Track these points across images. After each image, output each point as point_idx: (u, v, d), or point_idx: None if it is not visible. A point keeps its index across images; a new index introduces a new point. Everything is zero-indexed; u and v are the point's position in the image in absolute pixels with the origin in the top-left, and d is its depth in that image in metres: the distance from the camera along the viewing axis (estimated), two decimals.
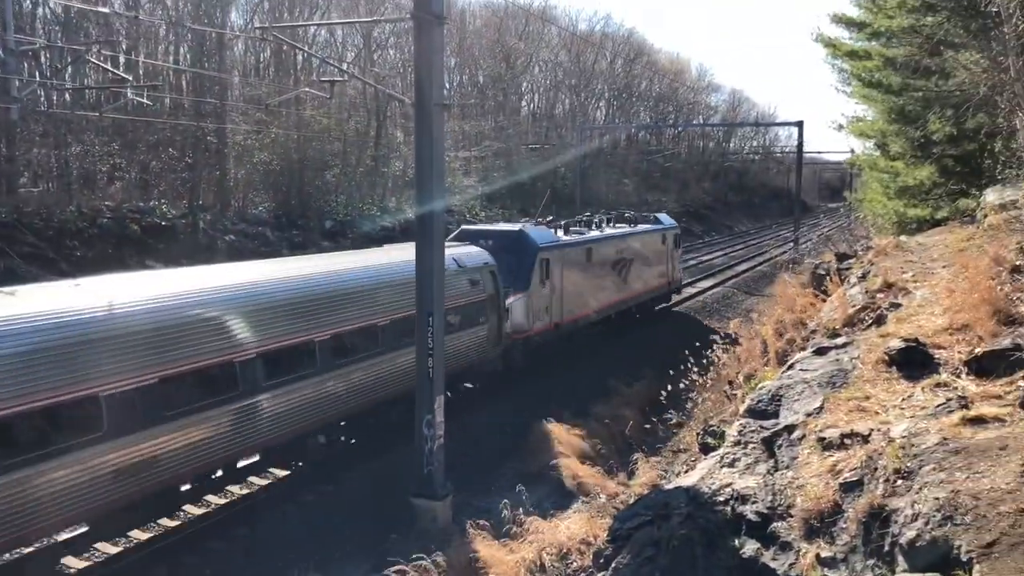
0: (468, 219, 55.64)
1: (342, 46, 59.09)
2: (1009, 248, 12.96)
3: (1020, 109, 11.22)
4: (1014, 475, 6.52)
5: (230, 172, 44.13)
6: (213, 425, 13.10)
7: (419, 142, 14.42)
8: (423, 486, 14.71)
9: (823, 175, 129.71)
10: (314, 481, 16.56)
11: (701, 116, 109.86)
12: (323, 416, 15.69)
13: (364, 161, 53.52)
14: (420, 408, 14.72)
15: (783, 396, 11.21)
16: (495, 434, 19.43)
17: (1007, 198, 15.58)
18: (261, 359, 13.94)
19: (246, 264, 18.01)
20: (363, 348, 16.57)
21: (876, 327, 13.01)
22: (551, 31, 79.02)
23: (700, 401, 18.95)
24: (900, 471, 7.43)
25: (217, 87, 43.10)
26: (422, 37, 14.00)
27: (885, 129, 26.88)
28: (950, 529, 6.26)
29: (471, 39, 71.73)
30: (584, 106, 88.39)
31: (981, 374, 9.44)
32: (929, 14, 21.17)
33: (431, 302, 14.47)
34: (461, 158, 58.92)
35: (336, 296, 16.03)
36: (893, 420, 8.75)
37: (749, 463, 9.96)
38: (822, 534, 7.95)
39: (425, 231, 14.48)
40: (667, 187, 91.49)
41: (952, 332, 10.96)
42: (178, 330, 12.60)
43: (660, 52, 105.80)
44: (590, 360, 26.02)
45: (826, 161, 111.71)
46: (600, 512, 14.03)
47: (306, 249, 37.13)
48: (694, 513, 9.28)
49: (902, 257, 17.90)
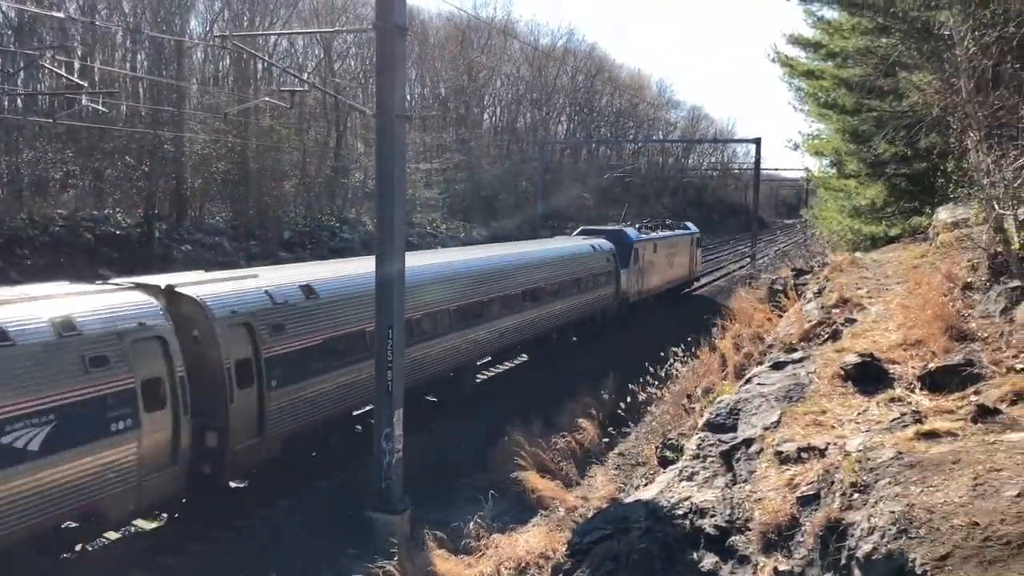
0: (429, 232, 55.58)
1: (303, 56, 58.85)
2: (961, 265, 13.24)
3: (971, 129, 11.47)
4: (966, 489, 6.62)
5: (187, 181, 43.58)
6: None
7: (380, 153, 14.34)
8: (381, 500, 14.55)
9: (780, 192, 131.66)
10: (272, 496, 16.32)
11: (661, 132, 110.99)
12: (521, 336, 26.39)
13: (324, 171, 53.20)
14: (379, 422, 14.58)
15: (741, 410, 11.30)
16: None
17: (959, 216, 15.94)
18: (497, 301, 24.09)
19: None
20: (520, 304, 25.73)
21: (832, 342, 13.19)
22: (513, 45, 79.39)
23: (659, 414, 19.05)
24: (856, 485, 7.51)
25: (175, 95, 42.61)
26: (384, 48, 13.94)
27: (840, 148, 27.34)
28: (905, 542, 6.33)
29: (433, 51, 71.78)
30: (546, 120, 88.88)
31: (934, 389, 9.61)
32: (883, 36, 21.63)
33: (391, 314, 14.35)
34: (423, 170, 58.82)
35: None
36: (849, 434, 8.86)
37: (708, 476, 10.02)
38: (780, 548, 8.00)
39: (385, 242, 14.38)
40: (627, 201, 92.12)
41: (906, 347, 11.14)
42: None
43: (621, 68, 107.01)
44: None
45: (783, 178, 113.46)
46: (560, 525, 13.99)
47: (264, 260, 36.70)
48: (653, 527, 9.30)
49: (857, 273, 18.20)
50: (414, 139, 58.02)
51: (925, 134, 18.72)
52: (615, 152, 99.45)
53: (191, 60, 49.11)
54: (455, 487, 17.28)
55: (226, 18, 49.77)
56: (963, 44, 11.72)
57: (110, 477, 11.97)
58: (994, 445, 7.42)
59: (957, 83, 11.92)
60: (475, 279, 23.27)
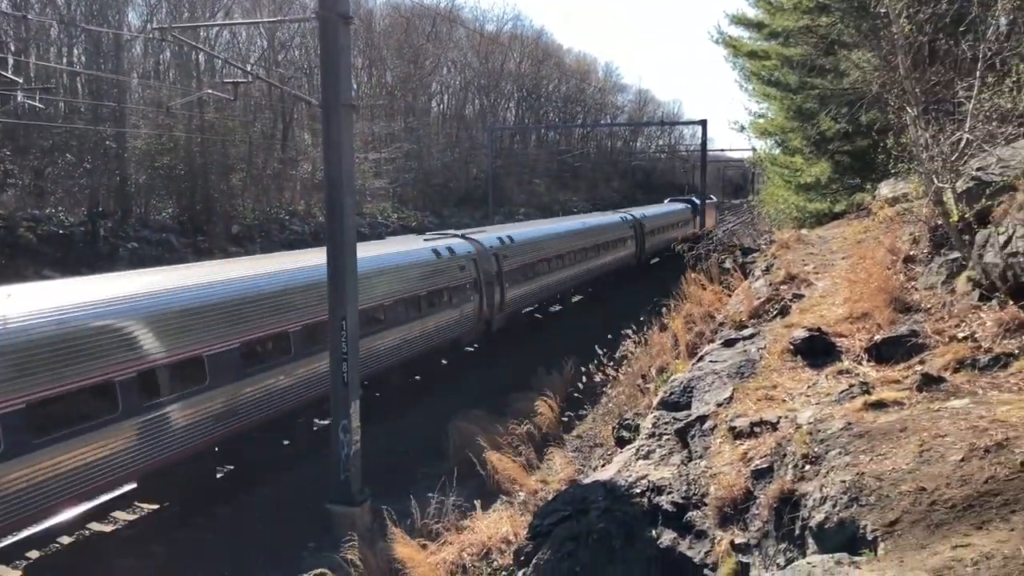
0: (380, 221, 55.20)
1: (246, 47, 57.90)
2: (903, 239, 13.53)
3: (909, 105, 11.69)
4: (913, 456, 6.79)
5: (131, 177, 42.69)
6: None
7: (327, 143, 14.20)
8: (340, 492, 14.49)
9: (726, 173, 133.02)
10: (229, 492, 16.18)
11: (609, 116, 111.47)
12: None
13: (271, 164, 52.51)
14: (336, 414, 14.50)
15: (694, 387, 11.45)
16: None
17: (899, 191, 16.27)
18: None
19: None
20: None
21: (781, 318, 13.41)
22: (459, 32, 78.99)
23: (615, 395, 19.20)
24: (808, 456, 7.66)
25: (115, 90, 41.66)
26: (328, 37, 13.79)
27: (784, 126, 27.74)
28: (856, 510, 6.48)
29: (379, 39, 71.12)
30: (494, 107, 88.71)
31: (881, 360, 9.83)
32: (823, 15, 21.95)
33: (344, 306, 14.26)
34: (371, 160, 58.34)
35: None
36: (800, 407, 9.02)
37: (664, 454, 10.14)
38: (736, 521, 8.14)
39: (335, 234, 14.27)
40: (577, 186, 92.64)
41: (852, 321, 11.36)
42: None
43: (568, 52, 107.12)
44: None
45: (729, 159, 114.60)
46: (521, 509, 14.06)
47: (212, 255, 36.18)
48: (612, 506, 9.39)
49: (803, 250, 18.51)
50: (362, 128, 57.50)
51: (866, 111, 19.09)
52: (564, 137, 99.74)
53: (130, 54, 48.05)
54: (414, 476, 17.27)
55: (165, 10, 48.78)
56: (899, 21, 11.92)
57: (630, 256, 43.76)
58: (939, 412, 7.61)
59: (894, 60, 12.13)
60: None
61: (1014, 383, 8.14)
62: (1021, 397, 7.66)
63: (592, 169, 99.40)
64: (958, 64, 12.97)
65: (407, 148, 63.59)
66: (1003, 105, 10.23)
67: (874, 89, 14.74)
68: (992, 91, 10.48)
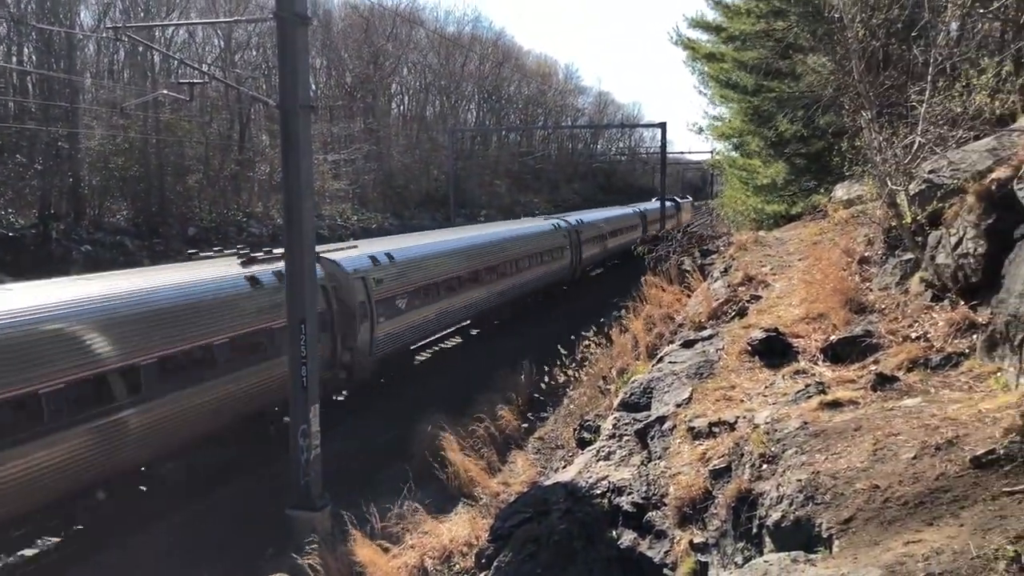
0: (340, 223, 54.82)
1: (202, 47, 57.15)
2: (858, 240, 13.75)
3: (863, 109, 11.89)
4: (867, 454, 6.90)
5: (84, 179, 41.92)
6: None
7: (285, 145, 14.07)
8: (300, 497, 14.36)
9: (686, 175, 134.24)
10: (186, 498, 15.94)
11: (569, 118, 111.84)
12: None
13: (228, 165, 51.90)
14: (295, 418, 14.37)
15: (654, 388, 11.53)
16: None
17: (853, 193, 16.52)
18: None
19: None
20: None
21: (739, 319, 13.55)
22: (420, 33, 78.75)
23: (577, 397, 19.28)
24: (765, 456, 7.74)
25: (68, 90, 40.86)
26: (285, 37, 13.67)
27: (742, 129, 28.04)
28: (811, 508, 6.56)
29: (337, 40, 70.64)
30: (455, 108, 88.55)
31: (836, 360, 9.97)
32: (779, 19, 22.26)
33: (303, 309, 14.14)
34: (330, 161, 57.90)
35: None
36: (757, 407, 9.12)
37: (624, 455, 10.20)
38: (695, 521, 8.20)
39: (294, 236, 14.14)
40: (539, 188, 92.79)
41: (809, 321, 11.52)
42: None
43: (528, 55, 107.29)
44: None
45: (688, 161, 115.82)
46: (483, 512, 14.04)
47: (168, 258, 35.65)
48: (573, 508, 9.43)
49: (761, 251, 18.72)
50: (320, 130, 57.07)
51: (821, 114, 19.36)
52: (525, 139, 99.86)
53: (84, 53, 47.19)
54: (376, 480, 17.17)
55: (119, 9, 47.98)
56: (853, 26, 12.13)
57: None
58: (892, 411, 7.74)
59: (849, 64, 12.33)
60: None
61: (964, 382, 8.31)
62: (971, 396, 7.82)
63: (553, 171, 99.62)
64: (910, 69, 13.23)
65: (367, 149, 63.23)
66: (953, 109, 10.44)
67: (829, 92, 14.99)
68: (943, 95, 10.69)
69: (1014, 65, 11.57)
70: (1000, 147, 10.21)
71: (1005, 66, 11.42)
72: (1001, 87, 11.06)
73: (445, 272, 27.14)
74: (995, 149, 10.26)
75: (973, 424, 6.87)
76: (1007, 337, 8.09)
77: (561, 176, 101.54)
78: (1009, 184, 9.11)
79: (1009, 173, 9.26)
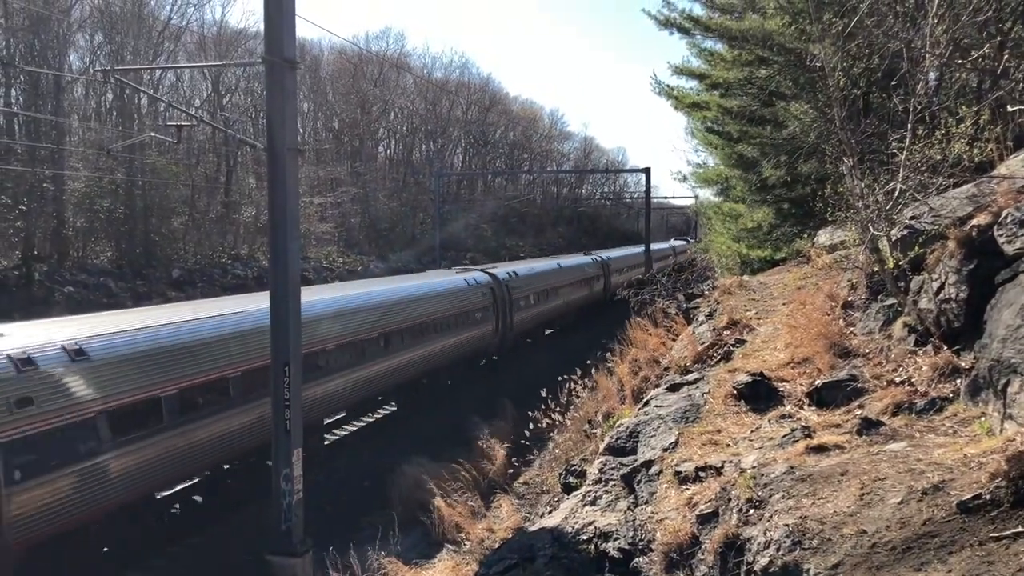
0: (325, 266, 54.80)
1: (190, 90, 57.49)
2: (841, 285, 13.84)
3: (845, 156, 12.07)
4: (854, 499, 6.88)
5: (69, 220, 41.81)
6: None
7: (272, 188, 14.08)
8: (281, 543, 14.12)
9: (670, 219, 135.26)
10: (166, 542, 15.67)
11: (555, 163, 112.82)
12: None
13: (214, 207, 51.93)
14: (277, 462, 14.18)
15: (640, 432, 11.48)
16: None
17: (836, 239, 16.67)
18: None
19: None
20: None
21: (724, 363, 13.56)
22: (407, 78, 79.56)
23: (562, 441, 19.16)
24: (752, 500, 7.71)
25: (54, 131, 40.93)
26: (274, 82, 13.76)
27: (727, 174, 28.33)
28: (799, 554, 6.52)
29: (325, 84, 71.25)
30: (441, 152, 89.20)
31: (822, 404, 9.98)
32: (762, 67, 22.64)
33: (287, 351, 14.04)
34: (317, 204, 58.04)
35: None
36: (743, 452, 9.10)
37: (610, 500, 10.12)
38: (681, 566, 8.12)
39: (279, 279, 14.10)
40: (524, 232, 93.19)
41: (794, 365, 11.55)
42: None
43: (515, 100, 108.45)
44: None
45: (672, 206, 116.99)
46: (467, 558, 13.86)
47: (152, 300, 35.46)
48: (559, 553, 9.32)
49: (745, 296, 18.82)
50: (307, 173, 57.30)
51: (804, 161, 19.63)
52: (511, 183, 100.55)
53: (71, 95, 47.36)
54: (358, 525, 16.96)
55: (107, 52, 48.26)
56: (834, 75, 12.36)
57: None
58: (878, 455, 7.74)
59: (830, 112, 12.55)
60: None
61: (949, 426, 8.33)
62: (956, 440, 7.83)
63: (539, 215, 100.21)
64: (891, 117, 13.48)
65: (353, 192, 63.46)
66: (933, 157, 10.60)
67: (812, 139, 15.23)
68: (923, 143, 10.86)
69: (991, 114, 11.80)
70: (980, 194, 10.36)
71: (983, 115, 11.65)
72: (979, 135, 11.25)
73: (556, 282, 40.78)
74: (975, 196, 10.41)
75: (959, 469, 6.87)
76: (990, 382, 8.13)
77: (546, 220, 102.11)
78: (989, 230, 9.23)
79: (989, 219, 9.39)
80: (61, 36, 42.56)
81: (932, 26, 10.67)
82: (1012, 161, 10.93)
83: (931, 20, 10.66)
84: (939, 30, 10.63)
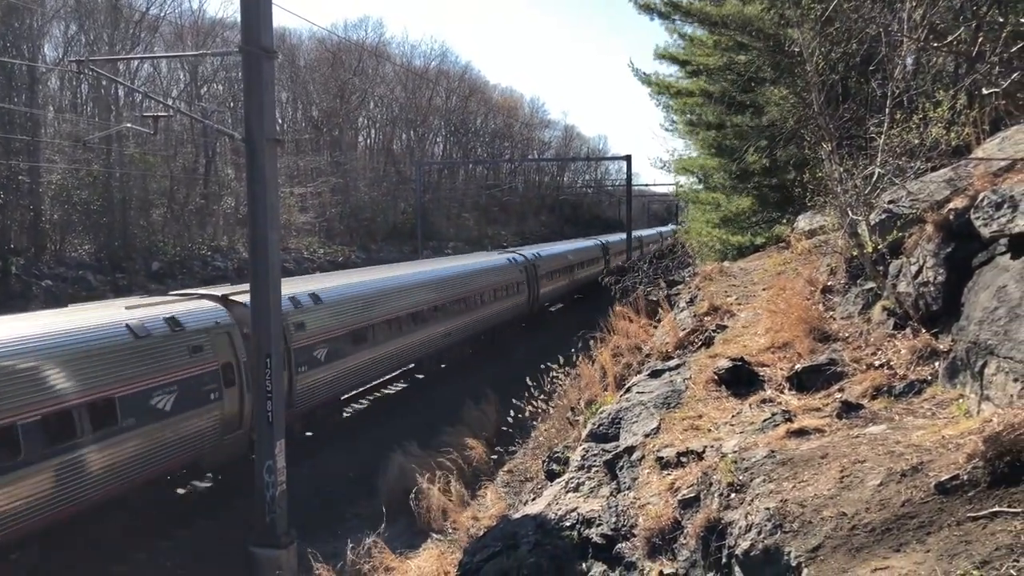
0: (306, 256, 54.54)
1: (167, 80, 56.95)
2: (820, 270, 13.91)
3: (824, 141, 12.11)
4: (834, 481, 6.92)
5: (45, 213, 41.35)
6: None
7: (251, 178, 13.99)
8: (265, 535, 14.09)
9: (651, 206, 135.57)
10: (146, 536, 15.59)
11: (536, 151, 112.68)
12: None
13: (193, 199, 51.54)
14: (260, 454, 14.15)
15: (622, 419, 11.51)
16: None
17: (816, 224, 16.74)
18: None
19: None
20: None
21: (705, 348, 13.61)
22: (387, 67, 79.13)
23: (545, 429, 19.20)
24: (733, 485, 7.74)
25: (29, 123, 40.43)
26: (251, 71, 13.64)
27: (706, 163, 28.37)
28: (780, 537, 6.56)
29: (304, 73, 70.74)
30: (422, 141, 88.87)
31: (802, 388, 10.03)
32: (741, 53, 22.66)
33: (268, 343, 13.99)
34: (297, 194, 57.70)
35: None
36: (724, 436, 9.14)
37: (593, 486, 10.14)
38: (664, 551, 8.16)
39: (259, 270, 14.02)
40: (506, 220, 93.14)
41: (774, 350, 11.59)
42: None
43: (495, 88, 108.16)
44: None
45: (653, 193, 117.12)
46: (452, 547, 13.88)
47: (131, 292, 35.16)
48: (542, 540, 9.34)
49: (726, 282, 18.89)
50: (287, 163, 56.96)
51: (783, 146, 19.68)
52: (492, 172, 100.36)
53: (46, 87, 46.79)
54: (343, 515, 16.94)
55: (83, 43, 47.69)
56: (812, 60, 12.38)
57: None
58: (858, 439, 7.79)
59: (809, 97, 12.57)
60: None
61: (928, 409, 8.39)
62: (934, 422, 7.89)
63: (520, 203, 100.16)
64: (869, 101, 13.51)
65: (334, 183, 63.14)
66: (911, 141, 10.65)
67: (791, 125, 15.26)
68: (901, 127, 10.90)
69: (968, 98, 11.86)
70: (957, 177, 10.42)
71: (960, 99, 11.71)
72: (956, 119, 11.31)
73: (570, 262, 48.84)
74: (952, 179, 10.47)
75: (937, 450, 6.93)
76: (968, 364, 8.20)
77: (528, 208, 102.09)
78: (966, 213, 9.29)
79: (966, 203, 9.45)
80: (34, 28, 42.01)
81: (910, 10, 10.69)
82: (988, 144, 10.99)
83: (908, 4, 10.68)
84: (916, 14, 10.64)
